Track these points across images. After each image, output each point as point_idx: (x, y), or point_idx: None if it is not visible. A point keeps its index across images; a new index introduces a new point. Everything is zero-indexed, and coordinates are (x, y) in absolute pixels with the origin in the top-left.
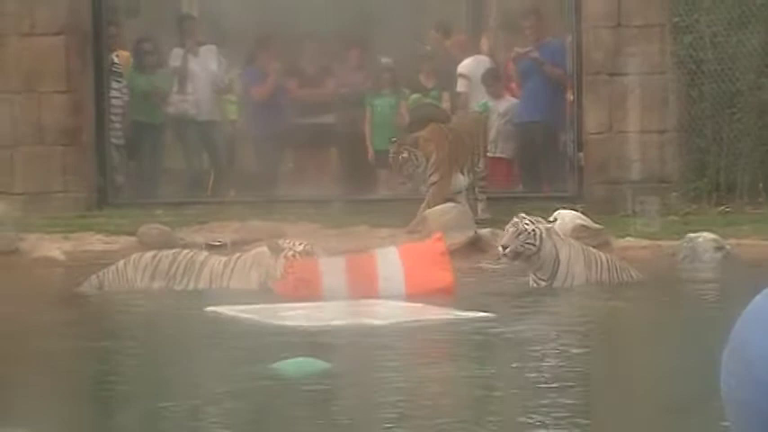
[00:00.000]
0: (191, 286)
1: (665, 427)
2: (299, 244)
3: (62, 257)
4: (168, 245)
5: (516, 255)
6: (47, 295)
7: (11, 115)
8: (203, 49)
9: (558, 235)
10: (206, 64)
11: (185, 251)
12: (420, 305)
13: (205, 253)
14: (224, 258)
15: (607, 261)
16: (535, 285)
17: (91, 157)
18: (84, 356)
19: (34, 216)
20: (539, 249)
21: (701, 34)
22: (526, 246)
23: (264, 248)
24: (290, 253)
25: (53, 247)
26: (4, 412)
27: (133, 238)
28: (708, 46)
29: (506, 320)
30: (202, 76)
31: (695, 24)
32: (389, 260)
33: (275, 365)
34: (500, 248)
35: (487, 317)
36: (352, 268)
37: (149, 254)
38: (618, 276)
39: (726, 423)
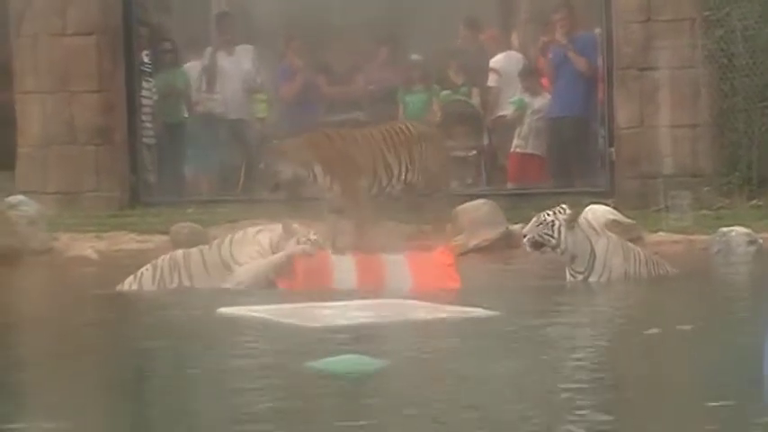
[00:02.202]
0: (186, 283)
1: (704, 422)
2: (313, 233)
3: (95, 256)
4: (200, 243)
5: (535, 244)
6: (79, 294)
7: (43, 115)
8: (239, 49)
9: (594, 228)
10: (240, 63)
11: (162, 256)
12: (435, 304)
13: (181, 250)
14: (205, 247)
15: (644, 255)
16: (572, 279)
17: (123, 157)
18: (113, 358)
19: (67, 215)
20: (558, 241)
21: (733, 28)
22: (544, 236)
23: (274, 226)
24: (303, 238)
25: (86, 247)
26: (41, 407)
27: (166, 237)
28: (739, 39)
29: (528, 317)
30: (235, 75)
31: (726, 18)
32: (397, 263)
33: (320, 364)
34: (522, 237)
35: (498, 315)
36: (361, 264)
37: (130, 278)
38: (655, 271)
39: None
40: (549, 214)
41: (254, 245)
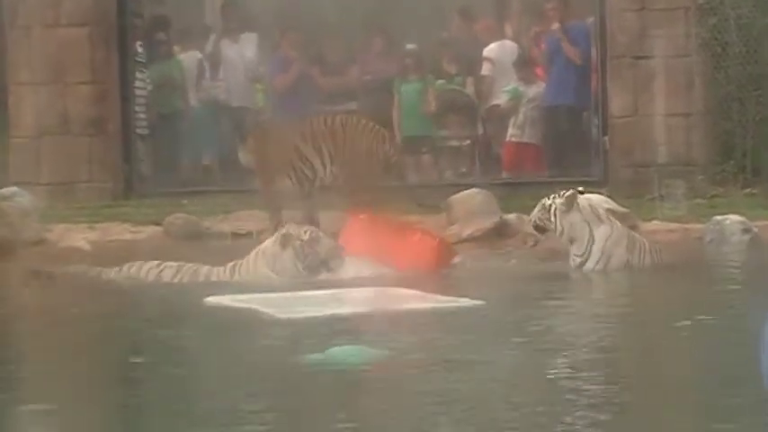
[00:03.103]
0: None
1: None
2: (305, 232)
3: (88, 247)
4: (194, 234)
5: (538, 228)
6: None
7: (37, 106)
8: (243, 37)
9: (598, 214)
10: (243, 51)
11: (189, 264)
12: (423, 293)
13: (207, 267)
14: (225, 268)
15: (648, 245)
16: (573, 263)
17: (116, 147)
18: (106, 346)
19: (60, 206)
20: (555, 224)
21: (726, 16)
22: (544, 221)
23: (266, 244)
24: (298, 243)
25: (79, 238)
26: (33, 392)
27: (159, 228)
28: (733, 28)
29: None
30: (238, 63)
31: (720, 6)
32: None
33: (322, 354)
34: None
35: (483, 305)
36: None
37: (155, 262)
38: (658, 259)
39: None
40: (548, 198)
41: (255, 275)
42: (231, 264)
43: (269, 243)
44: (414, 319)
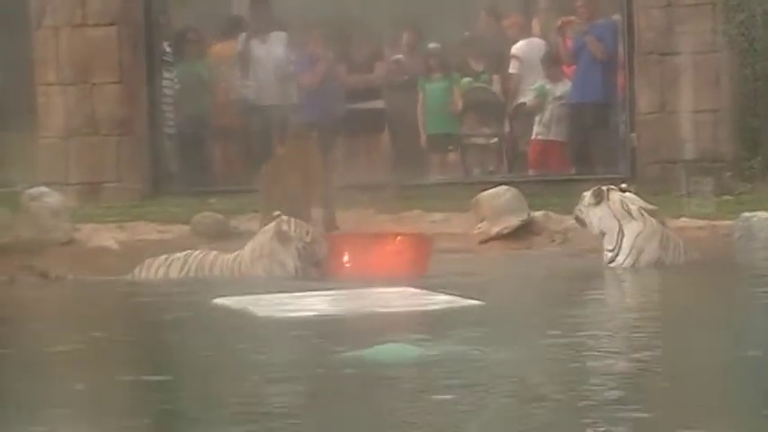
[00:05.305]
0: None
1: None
2: (306, 234)
3: (116, 247)
4: (222, 233)
5: (578, 220)
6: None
7: (65, 106)
8: (273, 36)
9: (628, 208)
10: (273, 50)
11: (196, 252)
12: (426, 292)
13: (214, 252)
14: (230, 257)
15: (683, 244)
16: (605, 258)
17: (144, 147)
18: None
19: (89, 206)
20: (586, 216)
21: (753, 12)
22: (580, 212)
23: (264, 238)
24: (301, 244)
25: (108, 237)
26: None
27: (187, 227)
28: (760, 24)
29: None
30: (268, 62)
31: (747, 2)
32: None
33: (363, 353)
34: None
35: (480, 304)
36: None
37: (163, 257)
38: (691, 258)
39: None
40: (586, 193)
41: (258, 265)
42: (236, 252)
43: (266, 238)
44: (430, 318)
